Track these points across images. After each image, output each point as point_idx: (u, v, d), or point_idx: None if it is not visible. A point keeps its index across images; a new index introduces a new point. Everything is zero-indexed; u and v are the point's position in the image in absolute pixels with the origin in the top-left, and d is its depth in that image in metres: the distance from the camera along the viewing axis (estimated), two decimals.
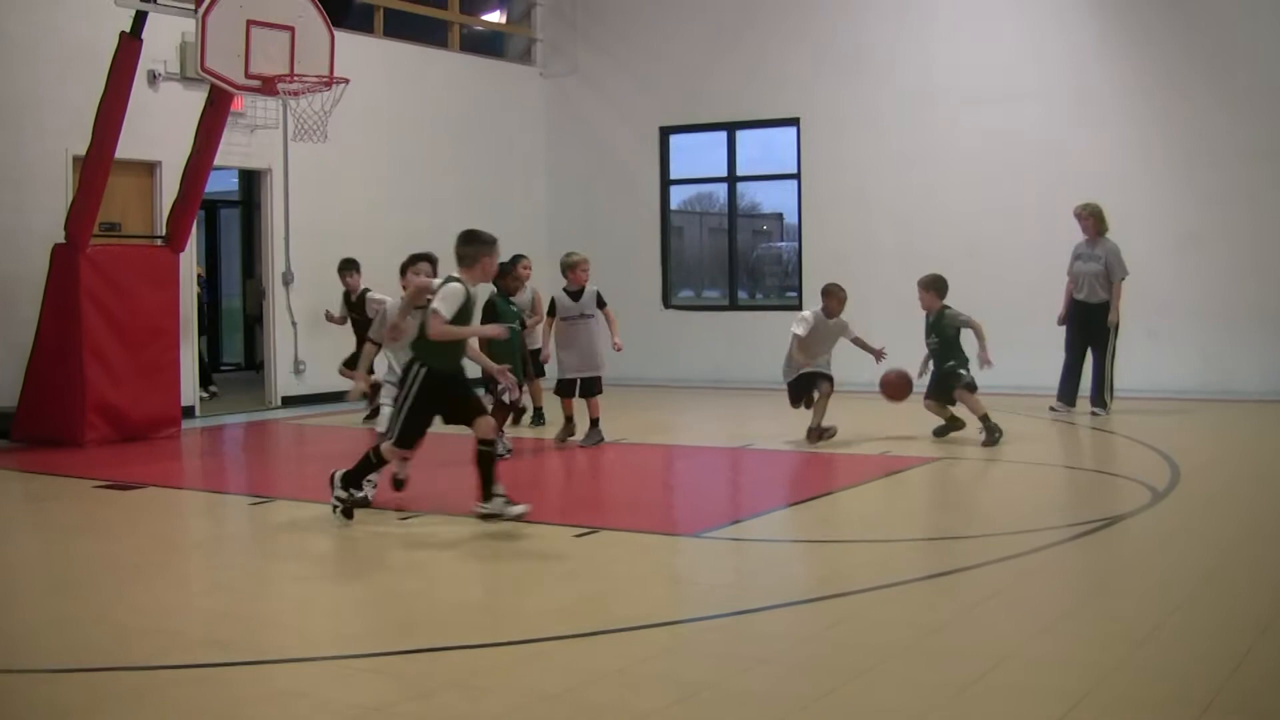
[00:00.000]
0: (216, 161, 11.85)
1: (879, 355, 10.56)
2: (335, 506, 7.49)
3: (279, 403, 14.19)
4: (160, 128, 12.32)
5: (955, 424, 10.67)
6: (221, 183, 17.30)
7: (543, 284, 12.33)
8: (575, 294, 10.74)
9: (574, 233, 16.51)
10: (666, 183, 17.11)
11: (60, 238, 11.17)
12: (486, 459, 7.42)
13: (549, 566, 6.75)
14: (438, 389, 7.32)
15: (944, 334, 10.64)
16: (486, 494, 7.43)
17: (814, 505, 8.46)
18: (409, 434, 7.39)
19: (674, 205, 17.59)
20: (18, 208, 11.75)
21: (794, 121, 16.11)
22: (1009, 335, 13.60)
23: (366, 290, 12.29)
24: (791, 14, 15.96)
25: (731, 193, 17.14)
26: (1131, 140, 14.27)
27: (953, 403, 10.60)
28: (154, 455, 10.68)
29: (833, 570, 6.55)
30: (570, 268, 10.83)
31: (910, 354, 10.79)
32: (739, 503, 8.96)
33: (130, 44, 10.81)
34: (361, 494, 7.66)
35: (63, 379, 11.03)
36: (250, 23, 10.83)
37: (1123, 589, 6.10)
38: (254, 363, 17.82)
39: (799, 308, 15.83)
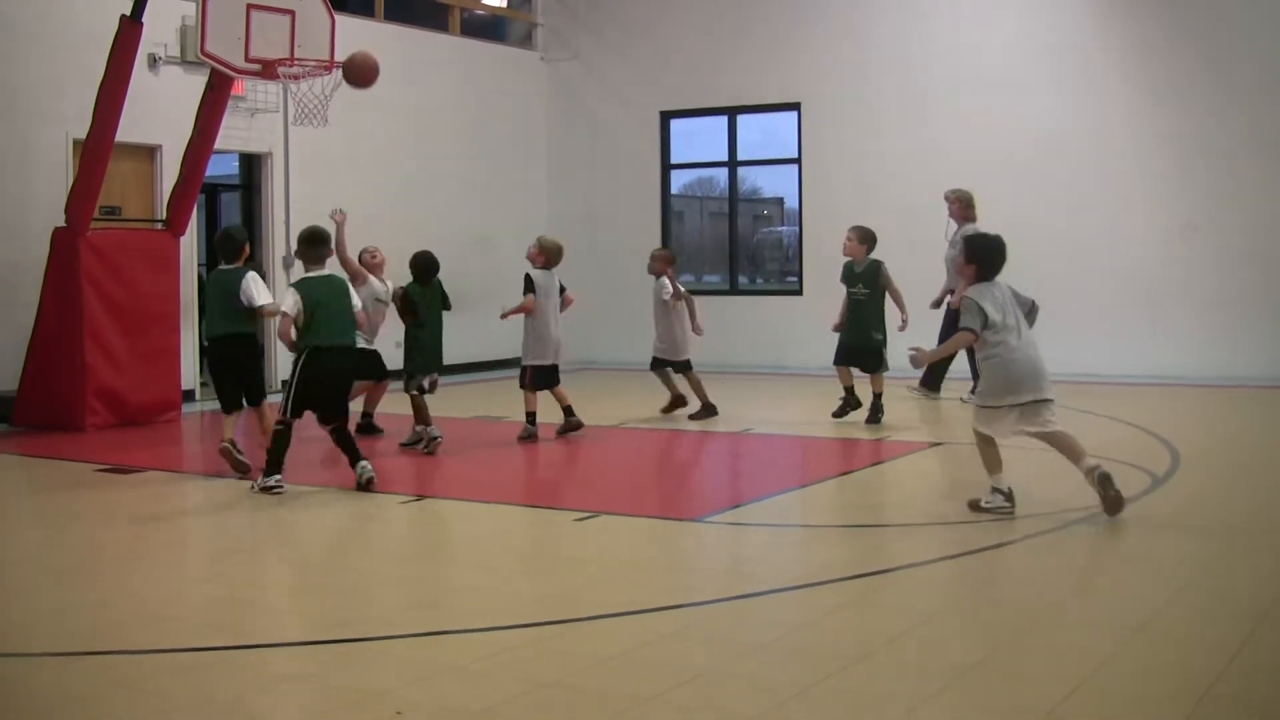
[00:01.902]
0: (217, 145, 11.83)
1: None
2: None
3: (279, 387, 14.18)
4: (161, 111, 12.30)
5: (854, 402, 10.78)
6: (222, 167, 17.23)
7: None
8: None
9: (575, 218, 16.51)
10: (667, 167, 17.08)
11: (61, 221, 11.16)
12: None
13: (549, 551, 6.77)
14: None
15: (874, 286, 10.75)
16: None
17: (813, 491, 8.47)
18: None
19: (675, 190, 17.55)
20: (18, 192, 11.74)
21: (795, 106, 16.08)
22: None
23: None
24: None
25: (732, 177, 17.12)
26: (1132, 130, 14.23)
27: (873, 370, 10.73)
28: (154, 440, 10.70)
29: (831, 556, 6.57)
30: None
31: (911, 340, 10.72)
32: (739, 488, 8.97)
33: (131, 27, 10.79)
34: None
35: (63, 363, 11.03)
36: (250, 6, 10.81)
37: (1120, 575, 6.11)
38: None
39: (799, 293, 15.88)
